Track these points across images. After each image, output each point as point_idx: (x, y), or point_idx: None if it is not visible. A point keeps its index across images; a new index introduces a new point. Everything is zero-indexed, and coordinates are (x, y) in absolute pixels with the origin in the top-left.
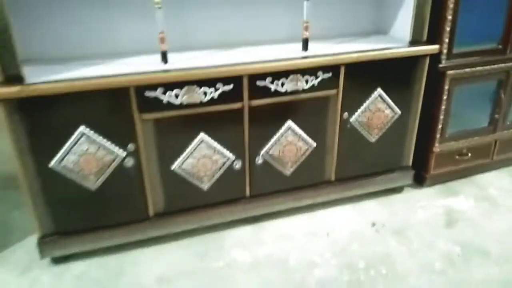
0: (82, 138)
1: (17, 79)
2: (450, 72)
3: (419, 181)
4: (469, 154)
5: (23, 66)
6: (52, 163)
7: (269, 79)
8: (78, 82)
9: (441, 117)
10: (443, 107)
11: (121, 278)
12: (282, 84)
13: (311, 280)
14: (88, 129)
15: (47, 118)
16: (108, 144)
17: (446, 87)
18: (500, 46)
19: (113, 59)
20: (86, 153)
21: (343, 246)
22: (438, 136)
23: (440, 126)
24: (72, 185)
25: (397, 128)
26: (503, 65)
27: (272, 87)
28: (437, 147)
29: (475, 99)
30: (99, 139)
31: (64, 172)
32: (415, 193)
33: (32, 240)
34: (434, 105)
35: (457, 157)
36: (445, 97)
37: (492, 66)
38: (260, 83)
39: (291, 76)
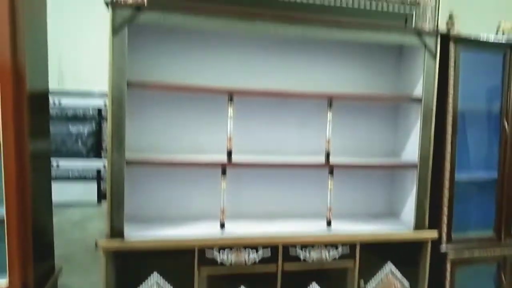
0: (153, 282)
1: (120, 234)
2: (450, 255)
3: None
4: None
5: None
6: None
7: (298, 248)
8: (160, 242)
9: None
10: (447, 286)
11: None
12: (309, 253)
13: None
14: (158, 275)
15: (131, 264)
16: None
17: (448, 269)
18: (495, 235)
19: (184, 222)
20: None
21: None
22: None
23: None
24: None
25: None
26: (499, 251)
27: (301, 255)
28: None
29: (479, 278)
30: (165, 284)
31: None
32: None
33: None
34: (440, 283)
35: None
36: (448, 277)
37: (489, 251)
38: (291, 250)
39: (316, 247)
